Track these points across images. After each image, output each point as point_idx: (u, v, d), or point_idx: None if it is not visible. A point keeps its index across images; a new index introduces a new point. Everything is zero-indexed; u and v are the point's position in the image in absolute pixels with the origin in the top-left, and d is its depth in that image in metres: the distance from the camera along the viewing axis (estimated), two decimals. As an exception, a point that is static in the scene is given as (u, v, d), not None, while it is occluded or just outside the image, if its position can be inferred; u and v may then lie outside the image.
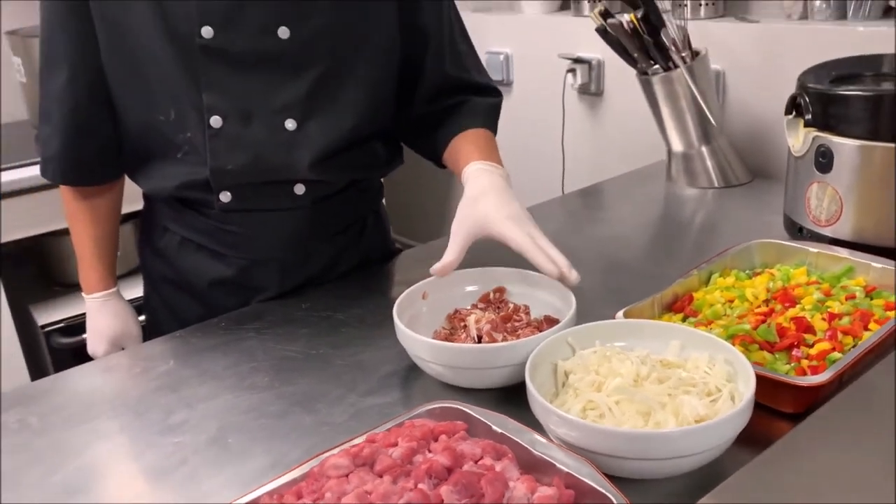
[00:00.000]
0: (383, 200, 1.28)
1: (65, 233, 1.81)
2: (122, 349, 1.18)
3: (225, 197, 1.05)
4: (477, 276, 0.98)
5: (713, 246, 1.12)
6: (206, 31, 0.97)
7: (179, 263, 1.14)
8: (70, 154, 1.08)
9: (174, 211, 1.11)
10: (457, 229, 0.96)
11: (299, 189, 1.07)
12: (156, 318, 1.21)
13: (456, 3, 1.17)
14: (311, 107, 1.03)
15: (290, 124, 1.02)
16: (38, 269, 1.95)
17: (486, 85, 1.17)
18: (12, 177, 1.69)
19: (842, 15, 1.41)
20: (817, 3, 1.42)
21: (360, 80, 1.05)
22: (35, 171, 1.68)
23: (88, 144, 1.08)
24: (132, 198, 1.20)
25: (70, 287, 1.90)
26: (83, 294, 1.19)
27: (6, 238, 1.70)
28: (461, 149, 1.09)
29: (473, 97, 1.15)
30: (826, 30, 1.39)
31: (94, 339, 1.18)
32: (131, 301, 1.23)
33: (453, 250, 0.94)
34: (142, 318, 1.23)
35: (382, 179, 1.25)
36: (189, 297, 1.15)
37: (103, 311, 1.18)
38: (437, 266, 0.93)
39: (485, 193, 0.98)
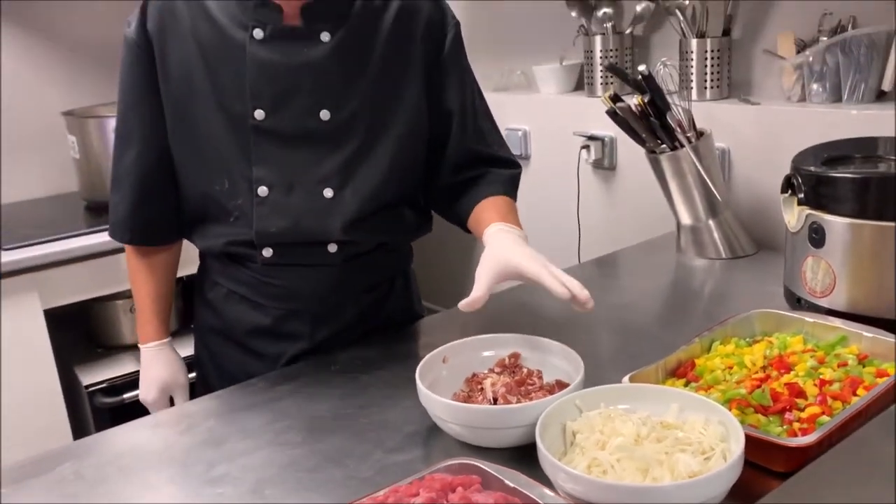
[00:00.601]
0: (412, 266, 1.38)
1: (108, 298, 1.94)
2: (171, 397, 1.29)
3: (267, 252, 1.18)
4: (494, 342, 1.06)
5: (720, 314, 1.19)
6: (259, 114, 1.12)
7: (225, 313, 1.26)
8: (136, 218, 1.23)
9: (223, 265, 1.24)
10: (481, 271, 1.06)
11: (332, 248, 1.18)
12: (201, 366, 1.33)
13: (479, 84, 1.29)
14: (346, 177, 1.16)
15: (328, 193, 1.15)
16: (83, 332, 2.05)
17: (507, 158, 1.29)
18: (62, 247, 1.80)
19: (837, 98, 1.50)
20: (814, 86, 1.52)
21: (390, 153, 1.18)
22: (83, 241, 1.82)
23: (153, 210, 1.23)
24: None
25: (112, 349, 2.01)
26: (139, 344, 1.30)
27: (55, 303, 1.81)
28: (483, 214, 1.20)
29: (493, 169, 1.26)
30: (822, 112, 1.48)
31: (146, 386, 1.29)
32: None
33: (480, 287, 1.03)
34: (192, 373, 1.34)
35: (412, 244, 1.36)
36: (231, 345, 1.26)
37: (156, 361, 1.29)
38: (465, 301, 1.02)
39: (504, 245, 1.09)
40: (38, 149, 2.24)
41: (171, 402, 1.32)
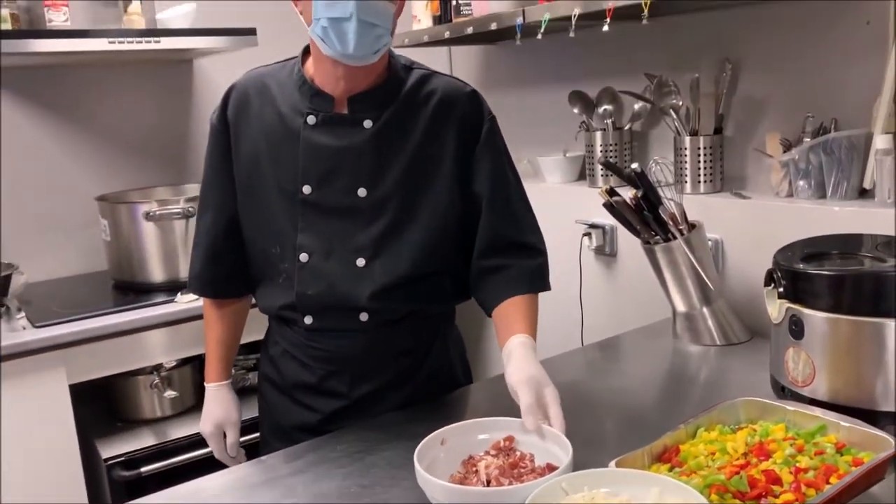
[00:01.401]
0: (456, 330, 1.49)
1: (130, 374, 2.02)
2: (224, 432, 1.45)
3: (308, 319, 1.33)
4: (489, 425, 1.13)
5: (711, 400, 1.24)
6: (306, 189, 1.29)
7: (281, 368, 1.42)
8: (208, 275, 1.42)
9: (279, 326, 1.42)
10: (516, 388, 1.14)
11: (363, 316, 1.31)
12: (260, 418, 1.51)
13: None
14: (377, 249, 1.30)
15: (360, 262, 1.30)
16: (104, 405, 2.12)
17: (535, 245, 1.38)
18: (90, 325, 1.88)
19: (822, 194, 1.59)
20: (800, 183, 1.61)
21: (419, 231, 1.31)
22: (109, 319, 1.91)
23: (222, 268, 1.41)
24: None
25: (133, 423, 2.07)
26: (205, 382, 1.47)
27: (81, 378, 1.89)
28: (502, 322, 1.29)
29: (520, 260, 1.35)
30: (807, 208, 1.57)
31: (203, 420, 1.46)
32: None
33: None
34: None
35: (456, 308, 1.48)
36: (284, 397, 1.42)
37: (214, 399, 1.46)
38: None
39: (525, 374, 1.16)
40: (72, 230, 2.37)
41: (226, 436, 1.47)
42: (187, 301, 1.98)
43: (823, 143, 1.55)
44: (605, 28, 1.61)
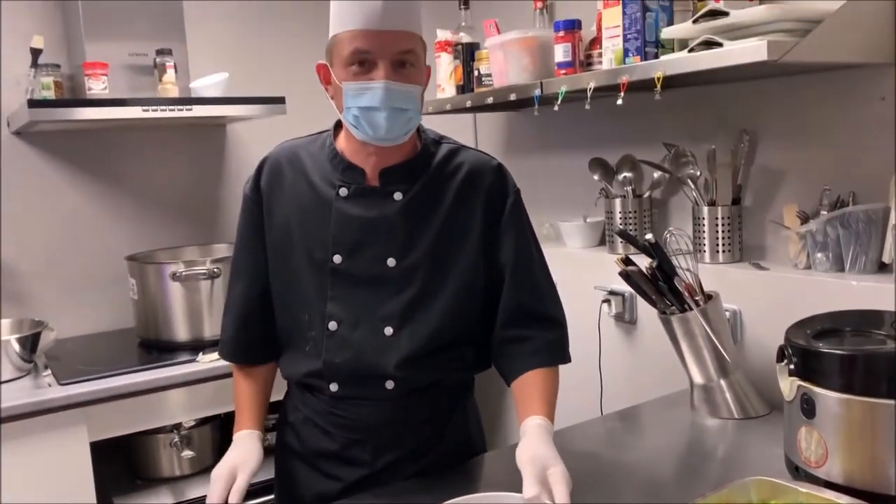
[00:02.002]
0: (473, 400, 1.49)
1: (149, 433, 2.04)
2: (235, 479, 1.29)
3: (334, 387, 1.34)
4: (495, 500, 1.12)
5: (728, 476, 1.21)
6: (337, 258, 1.32)
7: (302, 436, 1.42)
8: (240, 341, 1.43)
9: (301, 394, 1.42)
10: (524, 465, 1.15)
11: (389, 384, 1.33)
12: (278, 485, 1.50)
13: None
14: (405, 318, 1.31)
15: (388, 331, 1.31)
16: (124, 462, 2.15)
17: (555, 317, 1.40)
18: (113, 383, 1.92)
19: (840, 267, 1.57)
20: (818, 255, 1.60)
21: (446, 300, 1.33)
22: (133, 378, 1.95)
23: (252, 335, 1.42)
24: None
25: (151, 481, 2.09)
26: (234, 433, 1.39)
27: (102, 436, 1.92)
28: (521, 397, 1.32)
29: (539, 333, 1.37)
30: (825, 281, 1.55)
31: (220, 464, 1.32)
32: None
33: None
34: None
35: (476, 377, 1.48)
36: (305, 465, 1.42)
37: (236, 445, 1.37)
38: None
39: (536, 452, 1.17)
40: (103, 288, 2.44)
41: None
42: (209, 360, 2.01)
43: (841, 216, 1.54)
44: (619, 102, 1.64)
